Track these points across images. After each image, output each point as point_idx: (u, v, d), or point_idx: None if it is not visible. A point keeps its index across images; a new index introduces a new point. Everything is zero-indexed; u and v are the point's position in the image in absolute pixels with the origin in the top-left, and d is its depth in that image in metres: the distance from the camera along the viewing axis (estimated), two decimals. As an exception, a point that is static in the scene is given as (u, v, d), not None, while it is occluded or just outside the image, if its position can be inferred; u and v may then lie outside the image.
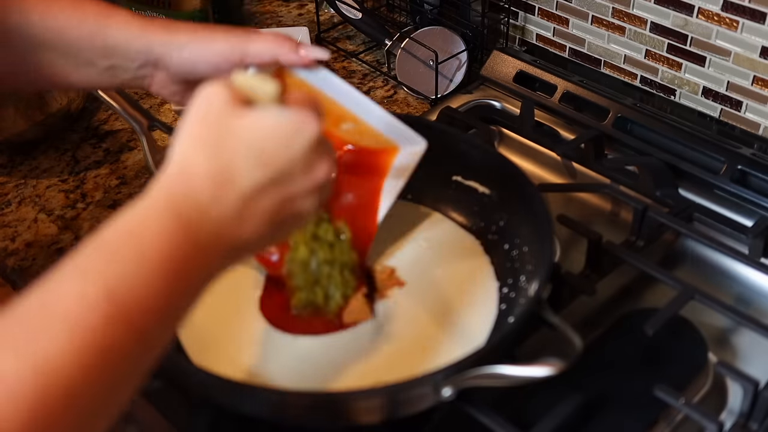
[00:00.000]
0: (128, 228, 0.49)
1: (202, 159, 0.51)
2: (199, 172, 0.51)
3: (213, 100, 0.52)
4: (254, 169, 0.52)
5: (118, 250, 0.48)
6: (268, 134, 0.52)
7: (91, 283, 0.46)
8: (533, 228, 0.75)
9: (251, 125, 0.52)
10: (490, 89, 1.12)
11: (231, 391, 0.63)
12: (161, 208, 0.50)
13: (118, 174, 1.03)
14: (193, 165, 0.51)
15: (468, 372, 0.61)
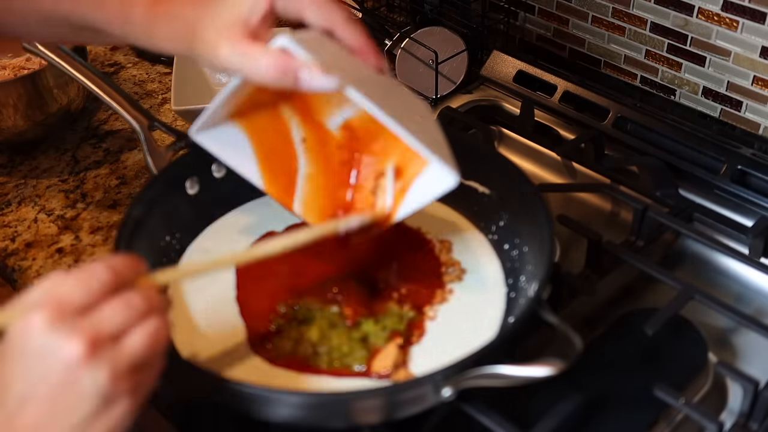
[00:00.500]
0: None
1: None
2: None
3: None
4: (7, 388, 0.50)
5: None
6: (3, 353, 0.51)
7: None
8: (533, 228, 0.75)
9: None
10: (490, 89, 1.12)
11: (231, 392, 0.63)
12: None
13: (118, 174, 1.03)
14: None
15: (468, 372, 0.61)
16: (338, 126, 0.73)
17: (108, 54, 1.28)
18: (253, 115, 0.72)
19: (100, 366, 0.50)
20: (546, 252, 0.70)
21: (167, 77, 1.21)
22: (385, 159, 0.73)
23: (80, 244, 0.93)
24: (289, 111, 0.73)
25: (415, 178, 0.71)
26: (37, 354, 0.50)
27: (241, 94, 0.68)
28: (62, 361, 0.49)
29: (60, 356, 0.49)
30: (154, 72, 1.23)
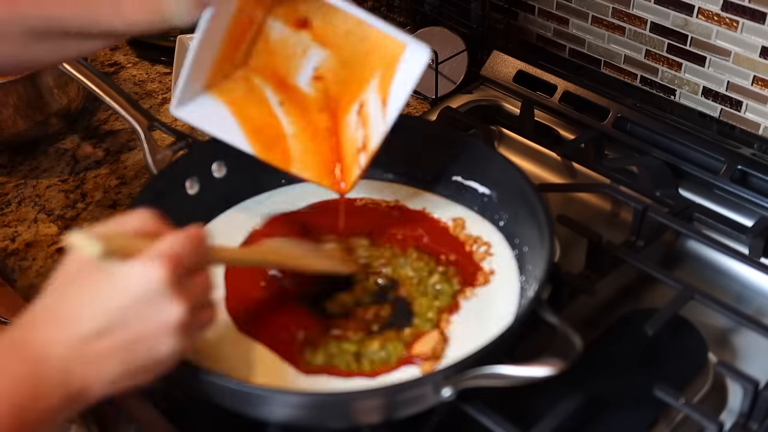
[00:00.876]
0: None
1: (50, 303, 0.56)
2: (45, 314, 0.56)
3: (75, 257, 0.56)
4: (93, 316, 0.54)
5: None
6: (109, 285, 0.55)
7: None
8: (533, 228, 0.75)
9: (96, 278, 0.55)
10: (490, 89, 1.12)
11: (231, 392, 0.63)
12: (7, 345, 0.55)
13: (118, 174, 1.03)
14: (41, 309, 0.56)
15: (468, 372, 0.61)
16: (309, 81, 0.74)
17: (108, 54, 1.28)
18: (228, 87, 0.73)
19: (188, 332, 0.57)
20: (546, 252, 0.70)
21: (167, 77, 1.21)
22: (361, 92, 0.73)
23: (80, 244, 0.93)
24: (259, 79, 0.73)
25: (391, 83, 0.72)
26: (146, 301, 0.54)
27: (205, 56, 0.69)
28: (164, 316, 0.55)
29: (165, 311, 0.55)
30: (154, 72, 1.23)
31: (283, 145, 0.74)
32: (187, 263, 0.56)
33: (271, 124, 0.74)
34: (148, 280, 0.54)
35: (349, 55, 0.74)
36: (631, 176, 0.96)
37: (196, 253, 0.57)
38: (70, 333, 0.54)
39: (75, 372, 0.54)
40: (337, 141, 0.75)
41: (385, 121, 0.72)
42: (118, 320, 0.54)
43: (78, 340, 0.54)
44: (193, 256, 0.57)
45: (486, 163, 0.83)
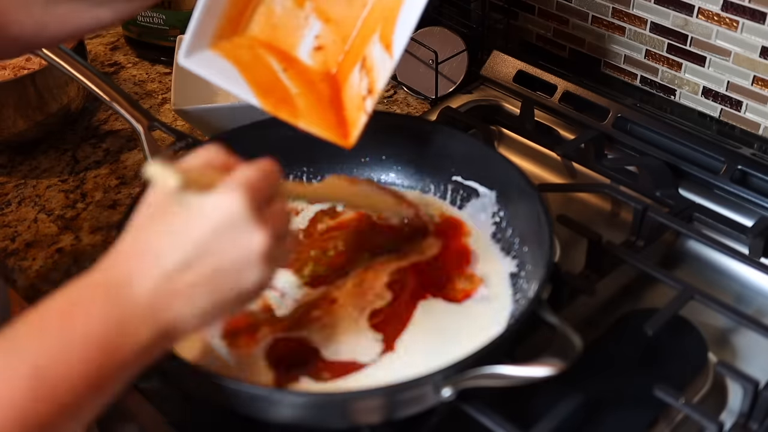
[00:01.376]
0: (59, 307, 0.53)
1: (129, 241, 0.55)
2: (127, 251, 0.55)
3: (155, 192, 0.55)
4: (176, 248, 0.54)
5: (48, 328, 0.51)
6: (189, 217, 0.54)
7: (19, 359, 0.50)
8: (533, 228, 0.75)
9: (176, 211, 0.54)
10: (490, 89, 1.12)
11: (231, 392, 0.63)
12: (91, 286, 0.54)
13: (118, 174, 1.03)
14: (122, 248, 0.55)
15: (468, 372, 0.61)
16: (310, 52, 0.75)
17: (108, 54, 1.28)
18: (233, 51, 0.74)
19: (272, 261, 0.56)
20: (546, 252, 0.70)
21: (167, 77, 1.21)
22: (362, 52, 0.74)
23: (80, 244, 0.93)
24: (262, 49, 0.74)
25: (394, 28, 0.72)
26: (229, 230, 0.54)
27: (213, 12, 0.71)
28: (249, 244, 0.54)
29: (249, 239, 0.54)
30: (154, 72, 1.23)
31: (289, 102, 0.74)
32: (265, 192, 0.56)
33: (277, 85, 0.74)
34: (230, 210, 0.54)
35: (350, 23, 0.75)
36: (631, 176, 0.96)
37: (271, 183, 0.57)
38: (154, 268, 0.53)
39: (162, 306, 0.54)
40: (341, 100, 0.75)
41: (392, 58, 0.71)
42: (202, 251, 0.54)
43: (163, 274, 0.53)
44: (269, 185, 0.56)
45: (486, 163, 0.83)
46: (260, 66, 0.74)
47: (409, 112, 1.11)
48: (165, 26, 1.19)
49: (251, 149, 0.84)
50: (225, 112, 1.01)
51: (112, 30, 1.33)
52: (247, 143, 0.84)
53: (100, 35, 1.32)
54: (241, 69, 0.73)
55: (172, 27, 1.19)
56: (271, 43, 0.75)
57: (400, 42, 0.71)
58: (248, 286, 0.56)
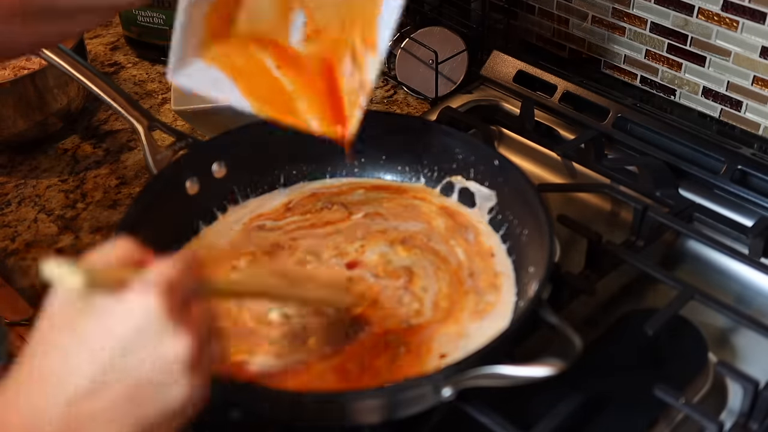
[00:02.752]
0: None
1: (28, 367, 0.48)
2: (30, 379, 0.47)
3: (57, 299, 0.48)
4: (81, 367, 0.46)
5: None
6: (96, 327, 0.46)
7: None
8: (533, 228, 0.75)
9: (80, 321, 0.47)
10: (490, 89, 1.12)
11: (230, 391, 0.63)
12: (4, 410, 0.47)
13: (118, 174, 1.03)
14: (21, 376, 0.48)
15: (468, 372, 0.61)
16: (301, 39, 0.74)
17: (108, 54, 1.28)
18: (225, 57, 0.72)
19: (199, 370, 0.49)
20: (546, 252, 0.70)
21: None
22: (350, 40, 0.73)
23: (80, 244, 0.93)
24: (255, 47, 0.73)
25: (376, 22, 0.70)
26: (143, 339, 0.46)
27: (195, 19, 0.70)
28: (168, 352, 0.47)
29: (168, 347, 0.47)
30: (154, 72, 1.23)
31: (285, 103, 0.73)
32: (184, 291, 0.48)
33: (272, 86, 0.74)
34: (144, 315, 0.46)
35: (332, 11, 0.75)
36: (631, 176, 0.96)
37: (191, 280, 0.49)
38: (58, 396, 0.46)
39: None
40: (338, 94, 0.74)
41: (375, 56, 0.71)
42: (112, 368, 0.46)
43: (67, 403, 0.46)
44: (189, 282, 0.49)
45: (486, 163, 0.83)
46: (253, 68, 0.73)
47: (409, 112, 1.11)
48: (165, 26, 1.19)
49: (251, 149, 0.85)
50: (225, 112, 1.01)
51: (112, 30, 1.33)
52: (247, 143, 0.85)
53: (100, 35, 1.32)
54: (233, 75, 0.72)
55: (172, 27, 1.19)
56: (262, 37, 0.74)
57: (383, 40, 0.70)
58: (173, 403, 0.48)
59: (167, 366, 0.47)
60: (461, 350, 0.69)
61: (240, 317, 0.72)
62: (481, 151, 0.84)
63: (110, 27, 1.34)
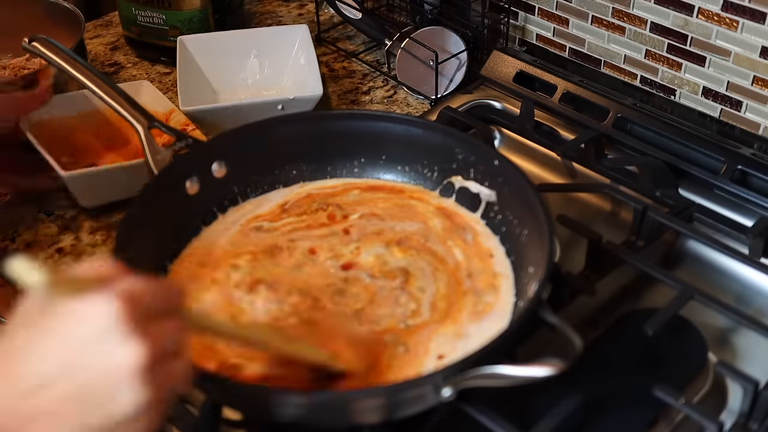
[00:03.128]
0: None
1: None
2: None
3: (27, 303, 0.49)
4: (36, 364, 0.47)
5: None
6: (54, 326, 0.47)
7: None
8: (533, 228, 0.75)
9: (40, 321, 0.48)
10: (490, 89, 1.12)
11: (231, 391, 0.63)
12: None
13: (118, 174, 1.03)
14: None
15: (468, 372, 0.61)
16: None
17: (108, 54, 1.28)
18: None
19: (150, 384, 0.48)
20: (546, 252, 0.70)
21: (167, 77, 1.21)
22: None
23: (80, 244, 0.93)
24: None
25: None
26: (96, 341, 0.47)
27: None
28: (119, 358, 0.47)
29: (119, 352, 0.47)
30: (154, 72, 1.23)
31: None
32: (151, 306, 0.49)
33: None
34: (100, 318, 0.46)
35: None
36: (631, 176, 0.96)
37: (165, 300, 0.50)
38: (11, 389, 0.47)
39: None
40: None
41: None
42: (63, 366, 0.47)
43: (18, 396, 0.47)
44: (161, 301, 0.50)
45: (486, 163, 0.83)
46: None
47: (409, 112, 1.11)
48: (165, 26, 1.19)
49: (251, 149, 0.85)
50: (228, 112, 1.02)
51: (112, 30, 1.33)
52: (247, 143, 0.85)
53: (100, 35, 1.32)
54: None
55: (172, 27, 1.19)
56: None
57: None
58: (121, 410, 0.47)
59: (117, 372, 0.47)
60: (459, 351, 0.69)
61: None
62: (481, 151, 0.84)
63: (110, 27, 1.34)
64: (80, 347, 0.47)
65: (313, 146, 0.87)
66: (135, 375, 0.47)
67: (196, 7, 1.18)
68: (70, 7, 1.13)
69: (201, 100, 1.05)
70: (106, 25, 1.35)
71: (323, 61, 1.22)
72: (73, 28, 1.10)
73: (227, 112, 1.02)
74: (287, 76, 1.14)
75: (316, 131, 0.87)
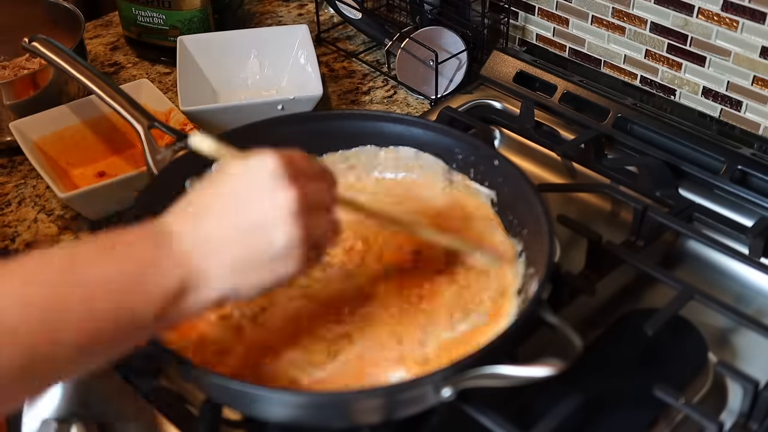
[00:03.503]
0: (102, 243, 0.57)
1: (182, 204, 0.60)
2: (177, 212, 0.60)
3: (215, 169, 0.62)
4: (213, 205, 0.59)
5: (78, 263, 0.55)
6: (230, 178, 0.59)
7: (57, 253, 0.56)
8: (533, 228, 0.75)
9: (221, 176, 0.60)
10: (490, 89, 1.12)
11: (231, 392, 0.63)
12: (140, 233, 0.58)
13: (118, 174, 1.03)
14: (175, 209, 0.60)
15: (468, 372, 0.61)
16: None
17: (108, 54, 1.28)
18: None
19: (301, 225, 0.57)
20: (546, 252, 0.70)
21: (167, 77, 1.21)
22: None
23: (80, 244, 0.93)
24: None
25: None
26: (259, 187, 0.57)
27: None
28: (277, 200, 0.57)
29: (278, 196, 0.57)
30: (154, 72, 1.23)
31: None
32: (301, 165, 0.59)
33: None
34: (264, 168, 0.57)
35: None
36: (631, 176, 0.96)
37: (309, 164, 0.61)
38: (192, 223, 0.58)
39: (193, 254, 0.56)
40: None
41: None
42: (234, 206, 0.58)
43: (197, 226, 0.57)
44: (307, 163, 0.60)
45: (486, 163, 0.83)
46: None
47: (409, 112, 1.11)
48: (165, 26, 1.19)
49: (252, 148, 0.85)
50: (228, 112, 1.02)
51: (112, 30, 1.33)
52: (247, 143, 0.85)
53: (100, 35, 1.32)
54: None
55: (172, 27, 1.19)
56: None
57: None
58: (279, 246, 0.57)
59: (277, 211, 0.57)
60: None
61: None
62: (481, 151, 0.84)
63: (110, 27, 1.34)
64: (250, 193, 0.58)
65: (313, 146, 0.87)
66: (290, 214, 0.57)
67: (196, 7, 1.18)
68: (70, 7, 1.13)
69: (201, 100, 1.05)
70: (106, 25, 1.35)
71: (323, 61, 1.22)
72: (73, 28, 1.10)
73: (227, 112, 1.02)
74: (287, 76, 1.14)
75: (316, 131, 0.87)
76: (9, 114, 1.01)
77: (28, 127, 0.99)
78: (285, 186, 0.57)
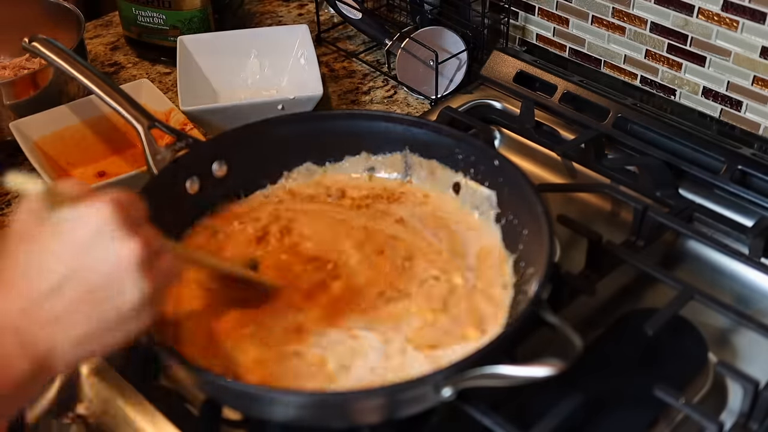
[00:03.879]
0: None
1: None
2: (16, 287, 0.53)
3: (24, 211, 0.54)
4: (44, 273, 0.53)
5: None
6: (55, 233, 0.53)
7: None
8: (533, 228, 0.75)
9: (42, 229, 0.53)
10: (490, 89, 1.12)
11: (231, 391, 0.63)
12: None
13: (118, 174, 1.03)
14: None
15: (468, 372, 0.61)
16: None
17: (108, 54, 1.28)
18: None
19: (150, 274, 0.54)
20: (546, 252, 0.70)
21: (167, 77, 1.21)
22: None
23: (80, 244, 0.92)
24: None
25: None
26: (96, 244, 0.52)
27: None
28: (119, 255, 0.53)
29: (119, 250, 0.53)
30: (154, 72, 1.23)
31: None
32: (132, 212, 0.55)
33: None
34: (97, 221, 0.52)
35: None
36: (631, 176, 0.96)
37: (139, 209, 0.56)
38: (22, 298, 0.52)
39: (36, 337, 0.52)
40: None
41: None
42: (70, 271, 0.52)
43: (31, 304, 0.52)
44: (137, 209, 0.56)
45: (486, 163, 0.83)
46: None
47: (409, 112, 1.11)
48: (165, 26, 1.19)
49: (252, 148, 0.85)
50: (228, 112, 1.02)
51: (112, 30, 1.33)
52: (247, 142, 0.85)
53: (100, 35, 1.32)
54: None
55: (172, 27, 1.19)
56: None
57: None
58: (128, 303, 0.54)
59: (120, 267, 0.53)
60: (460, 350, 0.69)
61: None
62: (481, 151, 0.84)
63: (110, 27, 1.34)
64: (83, 251, 0.52)
65: (313, 146, 0.88)
66: (134, 268, 0.53)
67: (196, 7, 1.18)
68: (70, 7, 1.13)
69: (201, 100, 1.05)
70: (106, 25, 1.35)
71: (323, 61, 1.22)
72: (73, 28, 1.10)
73: (227, 112, 1.02)
74: (287, 76, 1.14)
75: (316, 131, 0.87)
76: (9, 114, 1.01)
77: (28, 127, 0.99)
78: (124, 237, 0.53)
